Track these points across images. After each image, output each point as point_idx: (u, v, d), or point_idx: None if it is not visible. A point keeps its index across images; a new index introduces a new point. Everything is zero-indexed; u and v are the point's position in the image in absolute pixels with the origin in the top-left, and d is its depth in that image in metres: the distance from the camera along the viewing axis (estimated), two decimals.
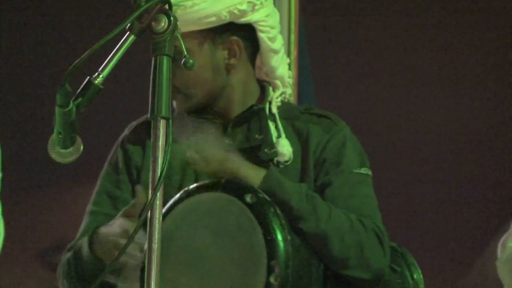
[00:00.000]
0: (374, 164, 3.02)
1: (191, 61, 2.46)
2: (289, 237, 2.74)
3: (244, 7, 2.92)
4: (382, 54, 6.01)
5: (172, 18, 2.35)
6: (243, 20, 2.95)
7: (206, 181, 2.86)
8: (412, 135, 6.36)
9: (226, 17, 2.92)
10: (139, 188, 2.85)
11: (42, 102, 2.60)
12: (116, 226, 2.80)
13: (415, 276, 3.00)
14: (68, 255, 2.93)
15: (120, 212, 2.83)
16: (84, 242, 2.86)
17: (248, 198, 2.75)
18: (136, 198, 2.83)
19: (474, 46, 5.87)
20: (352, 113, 3.52)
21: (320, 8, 5.54)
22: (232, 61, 2.98)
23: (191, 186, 2.85)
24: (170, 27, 2.36)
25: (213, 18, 2.91)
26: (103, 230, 2.84)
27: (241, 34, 2.98)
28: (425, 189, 6.81)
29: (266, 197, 2.77)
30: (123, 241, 2.74)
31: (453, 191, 6.77)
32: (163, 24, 2.36)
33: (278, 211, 2.75)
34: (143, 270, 2.65)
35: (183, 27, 2.76)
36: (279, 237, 2.73)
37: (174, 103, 2.97)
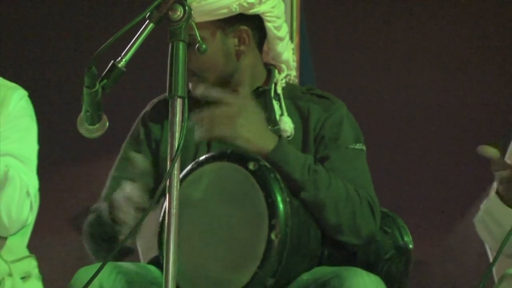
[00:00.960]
0: (369, 139, 3.03)
1: (204, 46, 2.48)
2: (287, 199, 2.75)
3: (252, 0, 2.92)
4: (378, 40, 6.00)
5: (187, 7, 2.36)
6: (252, 11, 2.95)
7: (214, 153, 2.87)
8: (402, 112, 6.36)
9: (236, 9, 2.92)
10: (134, 155, 2.88)
11: (72, 84, 2.60)
12: (135, 195, 2.82)
13: (405, 237, 3.00)
14: (91, 217, 2.94)
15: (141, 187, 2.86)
16: (105, 204, 2.87)
17: (251, 166, 2.77)
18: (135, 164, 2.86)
19: (472, 32, 5.85)
20: (349, 92, 3.52)
21: None
22: (242, 48, 2.98)
23: (201, 158, 2.86)
24: (185, 15, 2.37)
25: (225, 10, 2.92)
26: (118, 196, 2.84)
27: (249, 24, 2.98)
28: (414, 162, 6.82)
29: (267, 164, 2.78)
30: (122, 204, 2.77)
31: (439, 165, 6.78)
32: (179, 13, 2.38)
33: (278, 176, 2.77)
34: (161, 233, 2.68)
35: (198, 18, 2.77)
36: (279, 199, 2.74)
37: (190, 85, 2.98)
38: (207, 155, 2.87)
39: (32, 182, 2.98)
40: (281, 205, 2.73)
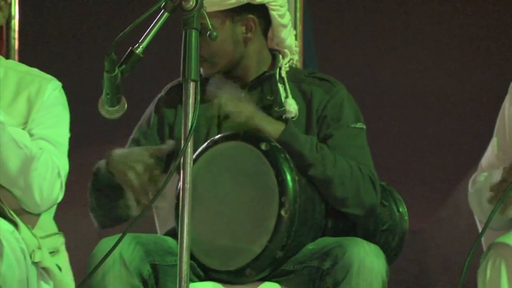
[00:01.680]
0: (367, 118, 3.02)
1: (215, 33, 2.48)
2: (296, 178, 2.76)
3: None
4: (376, 25, 5.99)
5: None
6: (258, 1, 2.94)
7: (228, 132, 2.87)
8: (398, 93, 6.35)
9: (243, 0, 2.92)
10: (170, 141, 2.87)
11: (94, 68, 2.59)
12: (134, 152, 2.81)
13: (400, 209, 3.00)
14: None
15: (146, 146, 2.86)
16: (102, 162, 2.86)
17: (263, 146, 2.77)
18: (165, 145, 2.85)
19: (468, 17, 5.82)
20: (348, 75, 3.51)
21: None
22: (249, 35, 2.97)
23: (216, 137, 2.86)
24: (197, 5, 2.37)
25: (233, 0, 2.91)
26: (118, 151, 2.84)
27: (256, 13, 2.97)
28: (410, 140, 6.81)
29: (278, 145, 2.78)
30: (134, 164, 2.75)
31: (432, 143, 6.78)
32: (191, 3, 2.37)
33: (288, 157, 2.77)
34: (177, 207, 2.67)
35: (208, 8, 2.75)
36: (289, 177, 2.75)
37: (201, 69, 2.97)
38: (221, 135, 2.87)
39: (63, 164, 2.98)
40: (290, 184, 2.73)
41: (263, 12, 2.98)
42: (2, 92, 3.00)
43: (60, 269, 2.97)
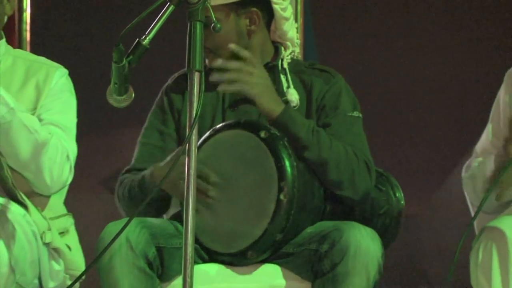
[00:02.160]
0: (365, 107, 3.01)
1: (219, 25, 2.47)
2: (295, 164, 2.75)
3: None
4: (374, 20, 5.98)
5: None
6: None
7: (230, 121, 2.87)
8: (394, 83, 6.35)
9: None
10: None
11: (103, 59, 2.59)
12: (168, 159, 2.82)
13: (397, 194, 3.00)
14: (127, 180, 2.92)
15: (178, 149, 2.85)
16: (148, 172, 2.85)
17: (262, 134, 2.77)
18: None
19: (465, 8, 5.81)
20: (347, 66, 3.51)
21: None
22: (253, 27, 2.97)
23: (218, 125, 2.86)
24: None
25: None
26: (161, 169, 2.82)
27: (259, 6, 2.96)
28: (406, 128, 6.81)
29: (277, 132, 2.78)
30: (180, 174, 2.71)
31: (427, 131, 6.78)
32: None
33: (286, 144, 2.77)
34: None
35: (214, 1, 2.79)
36: (287, 163, 2.74)
37: (207, 60, 2.96)
38: (223, 123, 2.87)
39: (71, 148, 2.99)
40: (289, 169, 2.73)
41: (266, 6, 2.97)
42: (11, 79, 3.01)
43: (70, 248, 2.98)
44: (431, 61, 6.14)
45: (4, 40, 3.08)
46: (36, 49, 3.56)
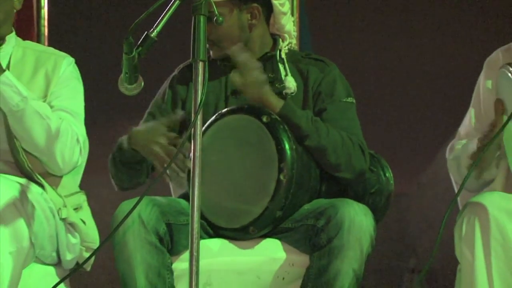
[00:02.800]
0: (357, 93, 3.01)
1: (221, 19, 2.47)
2: (294, 146, 2.75)
3: None
4: (362, 15, 5.96)
5: None
6: None
7: (233, 107, 2.86)
8: (383, 71, 6.35)
9: None
10: (178, 111, 2.86)
11: (114, 51, 2.59)
12: (153, 128, 2.82)
13: (387, 174, 3.00)
14: (114, 148, 2.94)
15: (159, 120, 2.86)
16: (124, 139, 2.87)
17: (264, 119, 2.76)
18: (175, 115, 2.83)
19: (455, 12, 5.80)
20: (339, 55, 3.50)
21: None
22: (253, 21, 2.96)
23: (223, 110, 2.85)
24: None
25: None
26: (138, 130, 2.85)
27: (259, 2, 2.96)
28: (396, 113, 6.83)
29: (277, 117, 2.77)
30: (157, 139, 2.76)
31: (415, 116, 6.79)
32: None
33: (286, 128, 2.77)
34: (189, 173, 2.66)
35: None
36: (287, 146, 2.74)
37: (211, 52, 2.95)
38: (227, 108, 2.86)
39: (81, 131, 2.98)
40: (288, 152, 2.72)
41: (265, 1, 2.97)
42: (23, 69, 2.99)
43: (84, 222, 2.98)
44: (417, 50, 6.14)
45: (14, 33, 3.06)
46: (53, 43, 3.55)
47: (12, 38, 3.04)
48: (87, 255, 2.96)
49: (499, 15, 5.47)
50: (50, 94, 2.97)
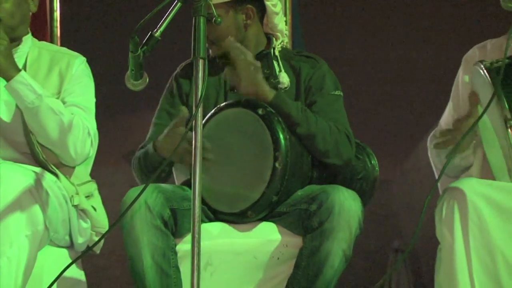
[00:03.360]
0: (345, 87, 3.00)
1: (219, 19, 2.46)
2: (288, 136, 2.74)
3: None
4: (349, 15, 5.95)
5: None
6: None
7: (231, 101, 2.86)
8: (368, 67, 6.34)
9: None
10: (182, 108, 2.84)
11: (121, 50, 2.58)
12: (165, 130, 2.80)
13: (372, 161, 2.99)
14: (139, 153, 2.93)
15: (171, 123, 2.83)
16: (150, 146, 2.87)
17: (260, 111, 2.76)
18: (180, 114, 2.81)
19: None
20: (329, 52, 3.50)
21: None
22: (248, 22, 2.95)
23: (221, 104, 2.85)
24: None
25: None
26: (161, 136, 2.84)
27: (254, 3, 2.94)
28: (381, 104, 6.81)
29: (272, 110, 2.77)
30: (175, 144, 2.73)
31: (399, 106, 6.78)
32: None
33: (280, 119, 2.76)
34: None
35: (215, 0, 2.78)
36: (281, 136, 2.73)
37: (210, 51, 2.94)
38: (226, 102, 2.86)
39: (91, 125, 2.97)
40: (283, 141, 2.72)
41: (259, 3, 2.96)
42: (38, 68, 2.99)
43: (95, 209, 2.97)
44: (400, 46, 6.13)
45: (30, 34, 3.06)
46: (65, 43, 3.54)
47: (28, 39, 3.03)
48: (97, 239, 2.96)
49: (476, 15, 5.47)
50: (64, 91, 2.96)
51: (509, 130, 2.63)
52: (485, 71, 2.70)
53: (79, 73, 3.01)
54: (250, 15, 2.94)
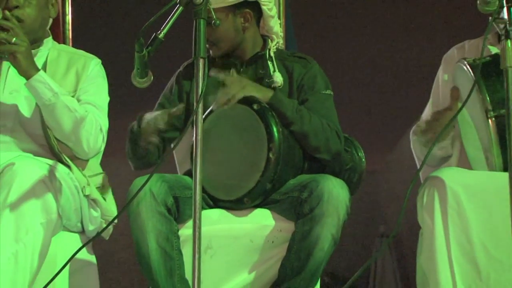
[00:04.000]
0: (335, 86, 3.00)
1: (218, 22, 2.43)
2: (280, 130, 2.74)
3: None
4: (339, 20, 5.95)
5: None
6: None
7: None
8: (358, 65, 6.34)
9: None
10: (181, 104, 2.84)
11: (128, 50, 2.58)
12: (157, 114, 2.78)
13: (359, 153, 2.99)
14: (129, 128, 2.92)
15: (165, 110, 2.81)
16: (135, 122, 2.85)
17: (255, 106, 2.75)
18: (178, 106, 2.80)
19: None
20: (320, 53, 3.49)
21: None
22: (246, 24, 2.94)
23: None
24: (204, 0, 2.32)
25: None
26: (147, 115, 2.82)
27: (251, 7, 2.93)
28: (367, 101, 6.82)
29: (266, 105, 2.77)
30: (159, 124, 2.73)
31: (384, 103, 6.78)
32: None
33: (274, 114, 2.76)
34: (192, 154, 2.65)
35: (216, 4, 2.79)
36: (275, 129, 2.73)
37: (211, 51, 2.93)
38: None
39: (104, 122, 2.97)
40: (276, 134, 2.71)
41: (256, 7, 2.95)
42: (57, 68, 3.00)
43: (105, 199, 2.97)
44: (385, 46, 6.12)
45: (51, 37, 3.06)
46: (76, 45, 3.53)
47: (49, 42, 3.04)
48: None
49: (457, 18, 5.46)
50: (79, 90, 2.97)
51: (490, 120, 2.63)
52: (468, 67, 2.70)
53: (94, 74, 3.01)
54: (248, 18, 2.93)
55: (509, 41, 2.25)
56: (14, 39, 2.75)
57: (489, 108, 2.62)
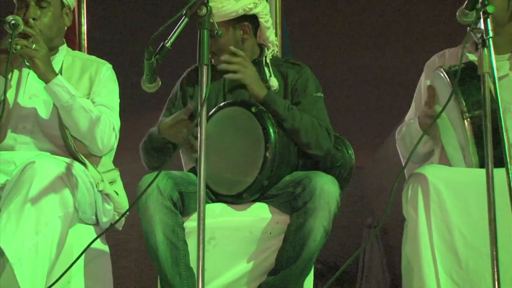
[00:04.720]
0: (326, 89, 3.00)
1: (220, 32, 2.43)
2: (276, 130, 2.74)
3: (251, 6, 2.90)
4: (329, 30, 5.94)
5: (209, 7, 2.32)
6: (251, 12, 2.91)
7: (229, 101, 2.86)
8: (348, 69, 6.34)
9: (241, 12, 2.89)
10: (190, 102, 2.84)
11: (139, 58, 2.57)
12: (171, 117, 2.81)
13: (349, 151, 2.98)
14: (145, 137, 2.93)
15: (178, 112, 2.84)
16: (155, 128, 2.87)
17: (253, 109, 2.75)
18: (188, 105, 2.80)
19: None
20: (312, 60, 3.48)
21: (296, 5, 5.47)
22: (245, 36, 2.94)
23: (221, 104, 2.85)
24: (208, 12, 2.32)
25: (234, 14, 2.88)
26: (165, 120, 2.85)
27: (249, 20, 2.94)
28: (356, 103, 6.82)
29: (263, 108, 2.77)
30: (177, 128, 2.76)
31: (372, 104, 6.78)
32: (204, 11, 2.32)
33: (270, 116, 2.76)
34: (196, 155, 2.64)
35: (218, 19, 2.81)
36: (271, 130, 2.72)
37: (213, 60, 2.93)
38: (224, 102, 2.85)
39: (116, 122, 2.97)
40: (272, 134, 2.71)
41: (254, 19, 2.95)
42: (72, 73, 2.99)
43: (117, 194, 2.97)
44: (373, 51, 6.12)
45: (65, 44, 3.06)
46: (91, 51, 3.53)
47: (64, 49, 3.04)
48: None
49: (438, 28, 5.47)
50: (93, 93, 2.97)
51: (465, 121, 2.63)
52: (444, 73, 2.71)
53: (106, 78, 3.01)
54: (246, 30, 2.93)
55: (485, 49, 2.26)
56: (34, 45, 2.75)
57: (465, 110, 2.62)
